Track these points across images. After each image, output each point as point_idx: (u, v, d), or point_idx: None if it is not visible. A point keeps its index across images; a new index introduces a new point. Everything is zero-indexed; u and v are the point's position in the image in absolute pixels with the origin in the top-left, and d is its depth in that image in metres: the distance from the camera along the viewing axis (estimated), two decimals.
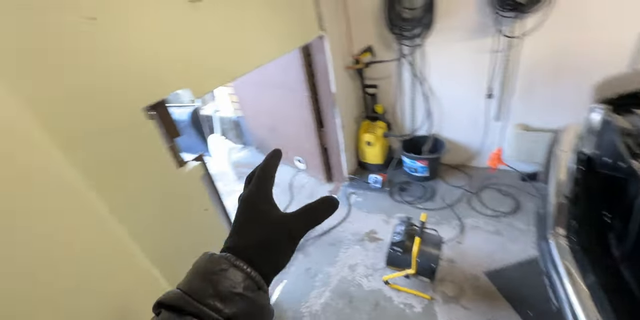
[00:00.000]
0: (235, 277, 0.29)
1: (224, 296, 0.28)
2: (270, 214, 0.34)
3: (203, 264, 0.31)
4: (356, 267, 1.84)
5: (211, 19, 1.09)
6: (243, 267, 0.30)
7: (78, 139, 0.76)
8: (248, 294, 0.29)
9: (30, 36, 0.67)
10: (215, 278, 0.29)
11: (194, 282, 0.29)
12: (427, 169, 2.39)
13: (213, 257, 0.31)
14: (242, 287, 0.29)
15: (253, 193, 0.35)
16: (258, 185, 0.36)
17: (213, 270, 0.29)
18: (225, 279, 0.29)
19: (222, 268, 0.30)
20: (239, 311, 0.28)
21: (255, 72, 2.33)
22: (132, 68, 0.87)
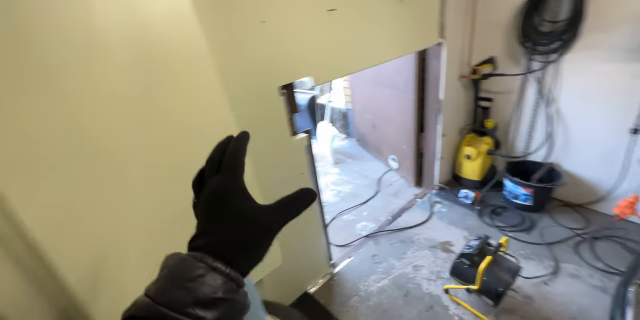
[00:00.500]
0: (215, 281, 0.28)
1: (205, 303, 0.27)
2: (245, 208, 0.31)
3: (176, 268, 0.29)
4: (421, 269, 1.88)
5: (340, 23, 1.36)
6: (222, 268, 0.29)
7: (239, 101, 1.14)
8: (229, 296, 0.28)
9: (229, 30, 1.06)
10: (193, 285, 0.27)
11: (169, 290, 0.27)
12: (532, 198, 2.16)
13: (187, 260, 0.29)
14: (222, 291, 0.28)
15: (224, 184, 0.32)
16: (229, 174, 0.32)
17: (190, 276, 0.28)
18: (204, 285, 0.27)
19: (200, 273, 0.28)
20: (221, 315, 0.27)
21: (371, 70, 2.60)
22: (279, 57, 1.21)
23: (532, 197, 2.16)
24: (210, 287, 0.27)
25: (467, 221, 2.22)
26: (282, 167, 1.39)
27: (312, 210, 1.63)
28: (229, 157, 0.33)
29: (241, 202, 0.32)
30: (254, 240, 0.31)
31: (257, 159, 1.25)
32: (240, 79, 1.12)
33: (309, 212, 1.61)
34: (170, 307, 0.26)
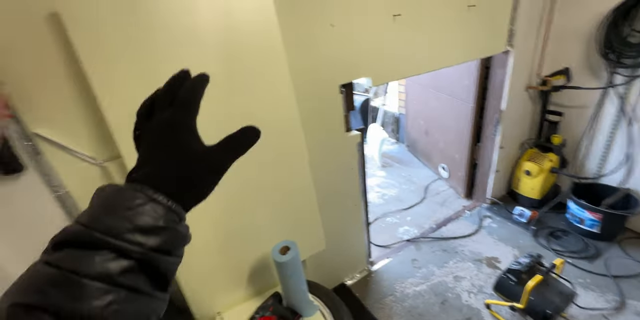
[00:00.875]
0: (155, 211, 0.27)
1: (145, 230, 0.26)
2: (192, 146, 0.30)
3: (112, 198, 0.27)
4: (462, 280, 1.82)
5: (404, 28, 1.41)
6: (163, 200, 0.27)
7: (304, 95, 1.26)
8: (171, 225, 0.27)
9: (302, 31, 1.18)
10: (131, 214, 0.26)
11: (103, 219, 0.26)
12: (600, 225, 1.96)
13: (125, 191, 0.27)
14: (163, 220, 0.27)
15: (177, 119, 0.30)
16: (183, 110, 0.31)
17: (128, 205, 0.26)
18: (144, 215, 0.26)
19: (139, 203, 0.26)
20: (162, 243, 0.26)
21: (429, 75, 2.60)
22: (343, 58, 1.31)
23: (600, 223, 1.96)
24: (151, 217, 0.26)
25: (519, 240, 2.09)
26: (334, 160, 1.49)
27: (356, 206, 1.70)
28: (186, 92, 0.31)
29: (191, 139, 0.31)
30: (200, 178, 0.30)
31: (313, 150, 1.36)
32: (307, 75, 1.24)
33: (353, 209, 1.69)
34: (107, 233, 0.25)
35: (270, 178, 1.13)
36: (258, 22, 0.96)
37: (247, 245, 1.15)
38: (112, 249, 0.25)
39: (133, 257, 0.25)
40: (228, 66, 0.94)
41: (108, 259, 0.24)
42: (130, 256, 0.25)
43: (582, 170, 2.21)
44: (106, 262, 0.24)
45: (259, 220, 1.15)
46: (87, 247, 0.25)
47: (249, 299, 1.18)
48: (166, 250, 0.27)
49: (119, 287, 0.24)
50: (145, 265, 0.26)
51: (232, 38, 0.92)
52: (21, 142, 0.82)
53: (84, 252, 0.24)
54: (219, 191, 1.02)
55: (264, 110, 1.05)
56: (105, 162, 0.93)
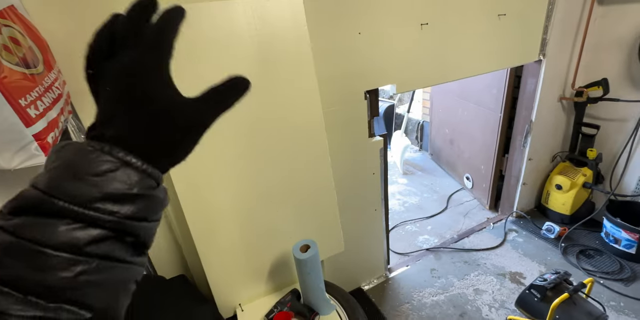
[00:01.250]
0: (129, 178, 0.23)
1: (117, 198, 0.22)
2: (166, 97, 0.25)
3: (75, 161, 0.23)
4: (483, 294, 1.77)
5: (431, 36, 1.43)
6: (137, 164, 0.23)
7: (329, 100, 1.31)
8: (147, 193, 0.24)
9: (330, 38, 1.23)
10: (100, 180, 0.22)
11: (66, 185, 0.22)
12: (637, 246, 1.85)
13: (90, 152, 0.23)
14: (138, 187, 0.23)
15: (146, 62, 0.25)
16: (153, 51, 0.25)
17: (94, 170, 0.22)
18: (115, 181, 0.22)
19: (108, 168, 0.22)
20: (137, 210, 0.23)
21: (456, 83, 2.58)
22: (368, 65, 1.34)
23: (638, 244, 1.84)
24: (123, 183, 0.23)
25: (546, 256, 2.00)
26: (357, 164, 1.52)
27: (376, 211, 1.71)
28: (156, 29, 0.25)
29: (164, 87, 0.25)
30: (179, 135, 0.26)
31: (336, 153, 1.40)
32: (333, 80, 1.29)
33: (373, 214, 1.70)
34: (71, 202, 0.21)
35: (293, 180, 1.18)
36: (290, 30, 1.02)
37: (269, 243, 1.20)
38: (79, 218, 0.21)
39: (105, 227, 0.22)
40: (260, 70, 1.01)
41: (74, 228, 0.21)
42: (102, 226, 0.22)
43: (620, 187, 2.09)
44: (72, 232, 0.21)
45: (282, 220, 1.20)
46: (49, 215, 0.21)
47: (268, 294, 1.23)
48: (142, 217, 0.24)
49: (89, 257, 0.21)
50: (121, 233, 0.23)
51: (265, 44, 0.99)
52: (78, 135, 0.92)
53: (45, 220, 0.21)
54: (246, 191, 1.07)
55: (291, 114, 1.10)
56: None
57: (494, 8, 1.56)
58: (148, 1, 0.25)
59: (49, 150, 0.25)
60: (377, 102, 1.48)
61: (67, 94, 0.83)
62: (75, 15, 0.84)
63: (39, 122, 0.62)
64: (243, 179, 1.08)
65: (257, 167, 1.09)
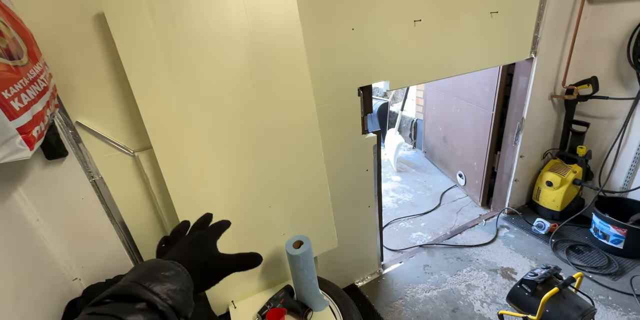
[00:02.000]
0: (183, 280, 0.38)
1: (171, 291, 0.36)
2: (212, 251, 0.46)
3: (156, 266, 0.39)
4: (475, 289, 1.79)
5: (424, 33, 1.43)
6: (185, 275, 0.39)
7: (323, 96, 1.31)
8: (189, 292, 0.38)
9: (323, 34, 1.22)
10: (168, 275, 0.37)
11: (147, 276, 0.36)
12: (624, 241, 1.88)
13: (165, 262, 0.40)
14: (186, 287, 0.38)
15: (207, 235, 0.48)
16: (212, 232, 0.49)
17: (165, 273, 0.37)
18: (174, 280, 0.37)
19: (176, 271, 0.38)
20: (177, 304, 0.35)
21: (449, 81, 2.59)
22: (362, 61, 1.34)
23: (625, 239, 1.88)
24: (175, 282, 0.37)
25: (537, 252, 2.03)
26: (350, 161, 1.52)
27: (370, 207, 1.71)
28: (216, 225, 0.51)
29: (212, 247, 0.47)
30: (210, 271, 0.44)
31: (330, 150, 1.39)
32: (327, 77, 1.29)
33: (366, 210, 1.71)
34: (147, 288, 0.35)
35: (287, 175, 1.17)
36: (283, 25, 1.01)
37: (262, 240, 1.19)
38: (147, 301, 0.33)
39: (158, 309, 0.34)
40: (253, 66, 1.00)
41: (144, 310, 0.33)
42: (157, 308, 0.34)
43: (608, 184, 2.13)
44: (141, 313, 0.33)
45: (275, 216, 1.20)
46: (129, 300, 0.33)
47: (261, 291, 1.22)
48: (178, 310, 0.36)
49: None
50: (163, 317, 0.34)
51: (259, 39, 0.98)
52: (65, 130, 0.90)
53: (129, 304, 0.33)
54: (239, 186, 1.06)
55: (285, 109, 1.10)
56: (137, 152, 1.00)
57: (487, 6, 1.57)
58: (208, 215, 0.53)
59: None
60: (371, 98, 1.48)
61: (53, 88, 0.81)
62: (61, 8, 0.82)
63: (24, 115, 0.60)
64: (236, 174, 1.07)
65: (250, 162, 1.08)
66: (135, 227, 1.07)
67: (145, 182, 1.03)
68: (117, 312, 0.32)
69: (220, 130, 1.00)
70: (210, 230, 0.50)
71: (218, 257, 0.46)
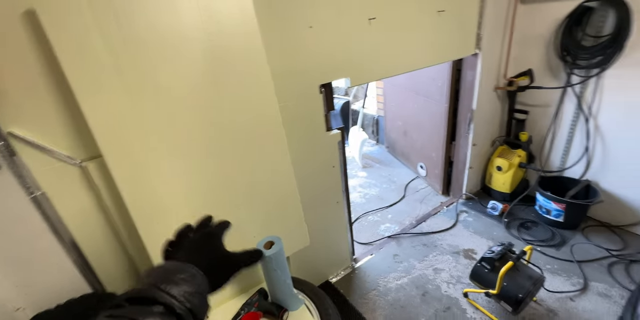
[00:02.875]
0: (198, 283, 0.39)
1: (188, 294, 0.37)
2: (220, 249, 0.49)
3: (172, 268, 0.40)
4: (441, 272, 1.90)
5: (379, 30, 1.48)
6: (200, 277, 0.41)
7: (284, 94, 1.30)
8: (205, 294, 0.40)
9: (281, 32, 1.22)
10: (184, 277, 0.38)
11: (164, 279, 0.37)
12: (564, 214, 2.11)
13: (180, 264, 0.41)
14: (202, 289, 0.39)
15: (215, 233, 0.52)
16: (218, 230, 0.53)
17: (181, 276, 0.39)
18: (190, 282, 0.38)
19: (191, 273, 0.40)
20: (194, 306, 0.36)
21: (405, 78, 2.70)
22: (322, 58, 1.35)
23: (564, 213, 2.11)
24: (192, 285, 0.38)
25: (493, 232, 2.21)
26: (316, 158, 1.53)
27: (338, 203, 1.74)
28: (220, 223, 0.54)
29: (220, 245, 0.50)
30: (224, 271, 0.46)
31: (295, 148, 1.39)
32: (288, 75, 1.28)
33: (335, 206, 1.73)
34: (165, 291, 0.36)
35: (253, 176, 1.15)
36: (239, 23, 0.98)
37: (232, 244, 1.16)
38: (165, 304, 0.34)
39: (176, 313, 0.35)
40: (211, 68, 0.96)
41: (161, 313, 0.34)
42: (175, 311, 0.35)
43: (548, 165, 2.37)
44: (159, 316, 0.33)
45: (243, 217, 1.17)
46: (150, 302, 0.34)
47: (234, 297, 1.19)
48: (195, 313, 0.37)
49: None
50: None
51: (214, 38, 0.94)
52: None
53: (147, 307, 0.34)
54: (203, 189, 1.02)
55: (247, 109, 1.07)
56: (84, 161, 0.92)
57: (434, 5, 1.66)
58: (209, 217, 0.56)
59: None
60: (332, 96, 1.50)
61: None
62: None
63: None
64: (199, 177, 1.03)
65: (214, 164, 1.05)
66: (89, 244, 0.98)
67: (96, 194, 0.95)
68: (135, 315, 0.32)
69: (178, 132, 0.95)
70: (216, 229, 0.52)
71: (227, 256, 0.48)
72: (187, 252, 0.46)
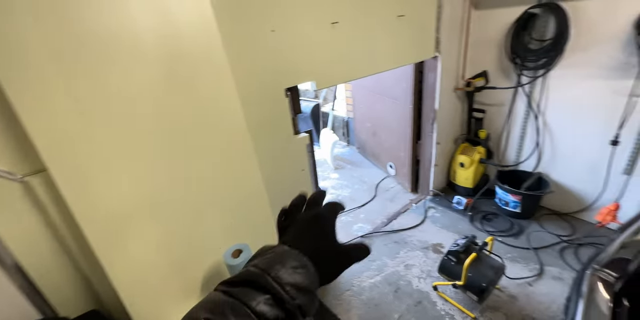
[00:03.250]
0: (310, 276, 0.35)
1: (299, 288, 0.33)
2: (333, 239, 0.40)
3: (284, 254, 0.35)
4: (412, 268, 1.97)
5: (342, 34, 1.51)
6: (312, 269, 0.35)
7: (249, 99, 1.29)
8: (314, 291, 0.35)
9: (243, 36, 1.21)
10: (297, 272, 0.34)
11: (277, 268, 0.34)
12: (521, 205, 2.27)
13: (291, 252, 0.36)
14: (312, 285, 0.35)
15: (326, 215, 0.41)
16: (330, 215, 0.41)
17: (293, 264, 0.34)
18: (301, 275, 0.34)
19: (301, 265, 0.35)
20: (304, 304, 0.33)
21: (372, 80, 2.76)
22: (286, 62, 1.36)
23: (520, 204, 2.26)
24: (304, 278, 0.34)
25: (458, 226, 2.32)
26: (284, 162, 1.52)
27: None
28: (332, 204, 0.43)
29: (333, 232, 0.40)
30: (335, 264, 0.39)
31: (262, 153, 1.38)
32: (252, 79, 1.27)
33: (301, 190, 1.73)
34: (276, 281, 0.32)
35: (219, 183, 1.13)
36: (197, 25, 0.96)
37: (197, 253, 1.13)
38: (275, 295, 0.32)
39: (285, 308, 0.32)
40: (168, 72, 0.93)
41: (269, 304, 0.32)
42: (284, 307, 0.32)
43: (505, 159, 2.53)
44: (267, 306, 0.31)
45: (210, 226, 1.14)
46: (258, 288, 0.32)
47: None
48: (304, 311, 0.34)
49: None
50: (289, 317, 0.33)
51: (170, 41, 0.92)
52: None
53: (256, 292, 0.32)
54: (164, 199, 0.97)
55: (209, 114, 1.05)
56: (27, 176, 0.85)
57: (394, 10, 1.73)
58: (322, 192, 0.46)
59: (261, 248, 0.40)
60: (299, 99, 1.50)
61: None
62: None
63: None
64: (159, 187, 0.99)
65: (175, 173, 1.01)
66: (37, 266, 0.90)
67: (42, 210, 0.88)
68: (248, 299, 0.31)
69: (133, 139, 0.91)
70: (328, 210, 0.42)
71: (339, 247, 0.40)
72: (298, 233, 0.39)
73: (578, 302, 0.89)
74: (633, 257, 0.96)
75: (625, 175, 1.95)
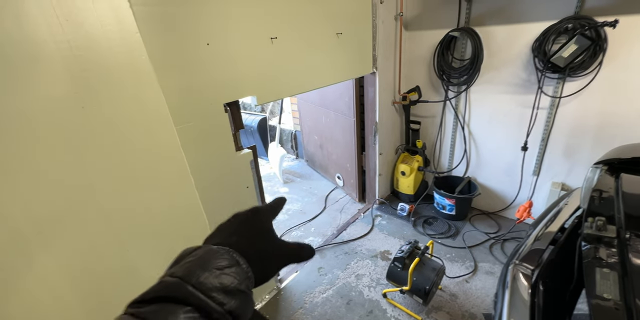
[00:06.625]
0: (238, 275, 0.31)
1: (228, 291, 0.29)
2: (271, 234, 0.37)
3: (207, 256, 0.31)
4: (362, 277, 2.00)
5: (282, 50, 1.53)
6: (244, 266, 0.32)
7: (184, 115, 1.22)
8: (247, 291, 0.31)
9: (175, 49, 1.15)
10: (220, 273, 0.30)
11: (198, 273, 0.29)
12: (455, 208, 2.47)
13: (216, 251, 0.32)
14: (244, 284, 0.31)
15: (267, 210, 0.39)
16: (270, 209, 0.40)
17: (219, 264, 0.30)
18: (229, 275, 0.30)
19: (229, 264, 0.31)
20: (235, 307, 0.29)
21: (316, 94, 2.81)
22: (224, 76, 1.32)
23: (455, 207, 2.46)
24: (234, 279, 0.30)
25: (403, 231, 2.43)
26: (226, 180, 1.46)
27: None
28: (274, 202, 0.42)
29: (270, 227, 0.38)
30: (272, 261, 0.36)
31: (202, 171, 1.31)
32: (186, 94, 1.21)
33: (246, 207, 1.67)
34: (198, 289, 0.28)
35: (148, 209, 1.03)
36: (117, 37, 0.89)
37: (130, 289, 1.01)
38: (198, 306, 0.27)
39: (212, 317, 0.28)
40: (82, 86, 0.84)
41: (192, 318, 0.27)
42: (212, 316, 0.28)
43: (439, 166, 2.75)
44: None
45: (140, 259, 1.03)
46: (177, 301, 0.27)
47: None
48: (237, 315, 0.30)
49: None
50: None
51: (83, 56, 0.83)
52: None
53: (174, 307, 0.27)
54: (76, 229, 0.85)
55: (133, 133, 0.96)
56: None
57: (333, 27, 1.80)
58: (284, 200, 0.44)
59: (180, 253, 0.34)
60: (240, 114, 1.46)
61: None
62: None
63: None
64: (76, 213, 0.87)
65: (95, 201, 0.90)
66: None
67: None
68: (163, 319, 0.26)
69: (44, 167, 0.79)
70: (268, 205, 0.40)
71: (278, 243, 0.37)
72: (230, 230, 0.36)
73: (505, 292, 0.98)
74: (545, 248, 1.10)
75: (534, 176, 2.25)
